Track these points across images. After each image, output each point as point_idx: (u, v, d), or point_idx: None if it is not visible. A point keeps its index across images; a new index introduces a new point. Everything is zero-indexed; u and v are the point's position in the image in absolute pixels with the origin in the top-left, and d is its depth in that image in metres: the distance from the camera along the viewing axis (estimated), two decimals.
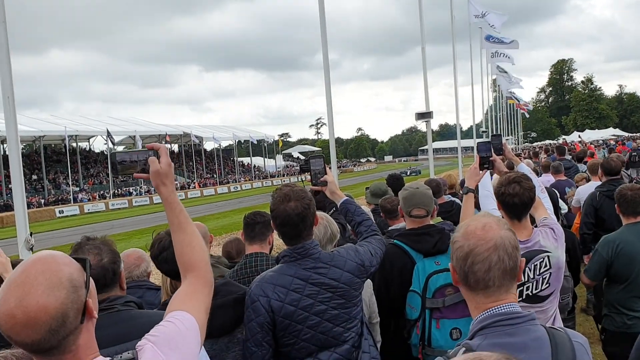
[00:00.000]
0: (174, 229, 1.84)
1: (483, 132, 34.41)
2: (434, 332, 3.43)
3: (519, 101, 51.68)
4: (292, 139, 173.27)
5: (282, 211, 2.75)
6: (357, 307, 2.94)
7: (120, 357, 1.50)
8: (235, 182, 75.37)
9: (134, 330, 1.73)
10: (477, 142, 3.76)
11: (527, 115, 72.52)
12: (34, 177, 59.41)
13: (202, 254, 1.86)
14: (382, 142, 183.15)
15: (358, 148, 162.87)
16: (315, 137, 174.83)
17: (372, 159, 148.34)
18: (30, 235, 3.92)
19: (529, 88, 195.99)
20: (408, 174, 51.60)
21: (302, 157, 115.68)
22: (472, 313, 1.78)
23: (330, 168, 3.54)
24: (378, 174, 59.18)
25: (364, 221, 3.26)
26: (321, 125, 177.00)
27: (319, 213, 3.10)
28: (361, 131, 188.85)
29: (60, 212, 47.35)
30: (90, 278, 1.50)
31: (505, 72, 33.10)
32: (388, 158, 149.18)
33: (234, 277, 3.43)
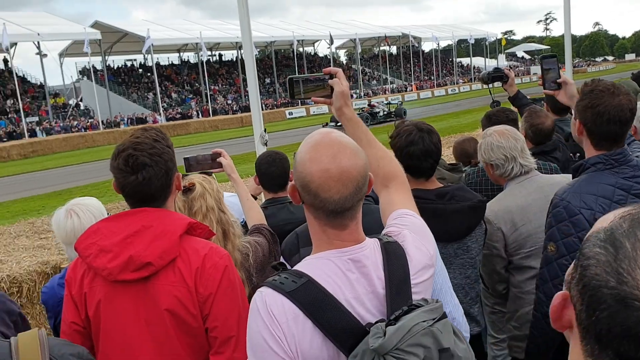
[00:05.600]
0: (364, 145, 1.80)
1: None
2: None
3: None
4: (517, 37, 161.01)
5: (616, 105, 2.29)
6: None
7: (387, 238, 1.55)
8: (453, 84, 73.25)
9: (374, 226, 1.84)
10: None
11: None
12: (267, 80, 64.87)
13: (396, 161, 1.89)
14: (624, 38, 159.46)
15: (593, 46, 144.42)
16: (544, 34, 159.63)
17: (610, 58, 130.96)
18: (264, 131, 4.29)
19: None
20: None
21: (526, 57, 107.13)
22: None
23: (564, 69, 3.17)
24: (617, 74, 52.18)
25: None
26: (551, 21, 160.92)
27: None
28: (598, 26, 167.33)
29: (289, 113, 51.41)
30: None
31: None
32: (630, 56, 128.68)
33: (465, 182, 3.45)
